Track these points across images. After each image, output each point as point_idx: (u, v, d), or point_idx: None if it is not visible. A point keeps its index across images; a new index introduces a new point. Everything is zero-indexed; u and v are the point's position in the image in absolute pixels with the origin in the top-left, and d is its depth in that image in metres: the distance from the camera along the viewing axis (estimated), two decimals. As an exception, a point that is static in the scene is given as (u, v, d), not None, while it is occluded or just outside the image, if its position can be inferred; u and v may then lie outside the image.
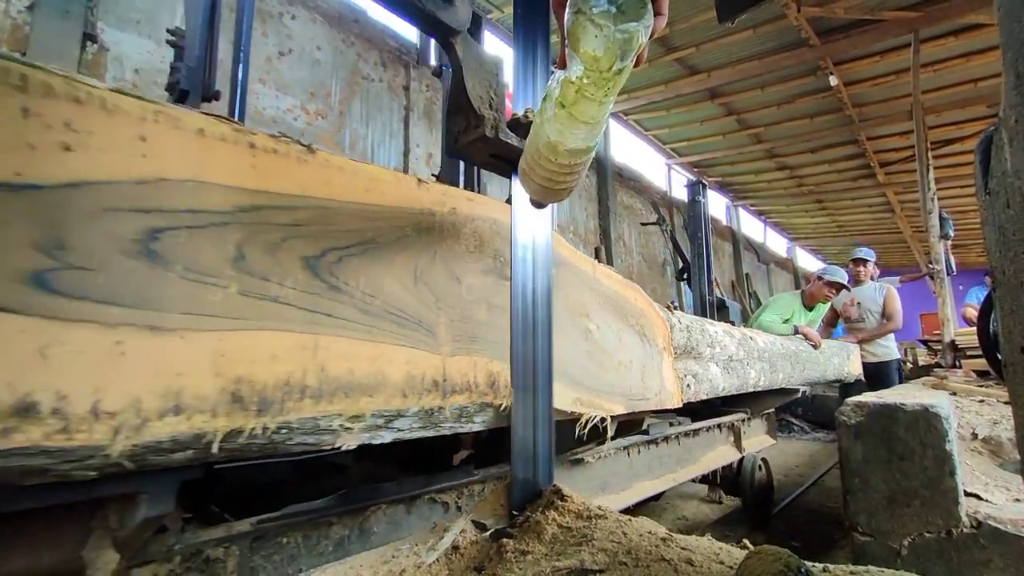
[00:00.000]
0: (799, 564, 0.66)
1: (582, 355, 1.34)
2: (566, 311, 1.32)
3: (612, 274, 1.56)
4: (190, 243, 0.69)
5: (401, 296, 0.95)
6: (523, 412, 1.14)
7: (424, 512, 1.10)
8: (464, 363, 1.08)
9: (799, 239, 17.35)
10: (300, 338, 0.79)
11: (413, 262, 0.98)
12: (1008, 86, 0.50)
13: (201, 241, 0.70)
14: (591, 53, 0.58)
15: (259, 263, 0.75)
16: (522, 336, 1.15)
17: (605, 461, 1.66)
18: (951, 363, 5.01)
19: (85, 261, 0.60)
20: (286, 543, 0.89)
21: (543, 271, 1.22)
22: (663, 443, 2.00)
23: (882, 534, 1.57)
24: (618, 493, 1.69)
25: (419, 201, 1.03)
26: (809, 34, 6.46)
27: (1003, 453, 2.02)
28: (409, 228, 0.99)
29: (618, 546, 0.83)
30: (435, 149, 5.60)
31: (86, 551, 0.66)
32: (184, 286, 0.67)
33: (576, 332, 1.34)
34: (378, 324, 0.90)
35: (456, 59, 1.06)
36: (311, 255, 0.82)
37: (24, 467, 0.56)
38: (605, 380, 1.41)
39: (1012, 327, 0.57)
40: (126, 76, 3.45)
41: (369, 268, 0.90)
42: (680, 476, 2.09)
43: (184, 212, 0.69)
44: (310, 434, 0.81)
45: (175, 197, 0.68)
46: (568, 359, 1.29)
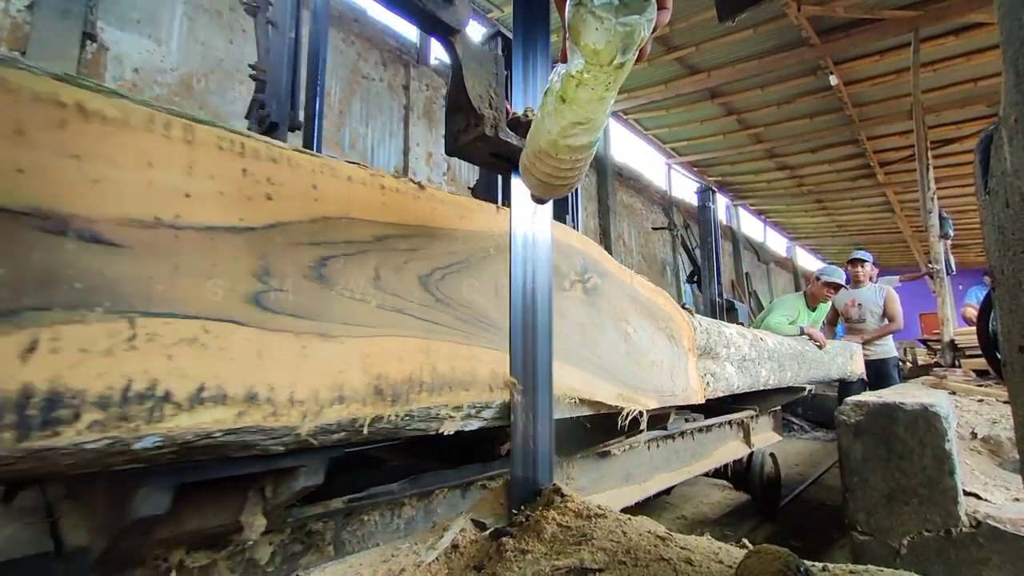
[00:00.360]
0: (798, 563, 0.66)
1: (623, 356, 1.50)
2: (610, 317, 1.49)
3: (646, 283, 1.72)
4: (345, 268, 0.87)
5: (485, 307, 1.13)
6: (523, 411, 1.14)
7: (475, 495, 1.24)
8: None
9: (799, 239, 17.35)
10: (418, 343, 0.98)
11: (494, 278, 1.16)
12: (1008, 84, 0.50)
13: (352, 266, 0.89)
14: (591, 46, 0.58)
15: (389, 282, 0.94)
16: (521, 336, 1.15)
17: (629, 454, 1.80)
18: (950, 362, 5.01)
19: (282, 284, 0.78)
20: (367, 520, 1.04)
21: (543, 270, 1.22)
22: (679, 438, 2.13)
23: (881, 533, 1.57)
24: (640, 483, 1.85)
25: (498, 225, 1.20)
26: (809, 33, 6.46)
27: (1002, 452, 2.02)
28: (492, 248, 1.17)
29: (617, 545, 0.83)
30: (435, 148, 5.60)
31: (243, 516, 0.81)
32: (342, 302, 0.86)
33: (617, 336, 1.50)
34: (471, 330, 1.08)
35: (456, 58, 1.06)
36: (423, 274, 1.01)
37: (244, 442, 0.73)
38: (641, 378, 1.55)
39: (1011, 326, 0.57)
40: (125, 76, 3.44)
41: (463, 283, 1.10)
42: (695, 469, 2.21)
43: (341, 243, 0.88)
44: (424, 421, 0.98)
45: (335, 231, 0.87)
46: (611, 359, 1.45)
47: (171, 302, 0.67)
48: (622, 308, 1.54)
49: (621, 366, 1.48)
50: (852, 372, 3.88)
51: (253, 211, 0.77)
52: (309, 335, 0.81)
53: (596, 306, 1.44)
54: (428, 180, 5.49)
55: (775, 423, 3.13)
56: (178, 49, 3.74)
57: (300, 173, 0.84)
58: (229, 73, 4.00)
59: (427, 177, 5.49)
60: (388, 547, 0.93)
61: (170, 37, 3.71)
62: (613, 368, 1.45)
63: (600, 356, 1.41)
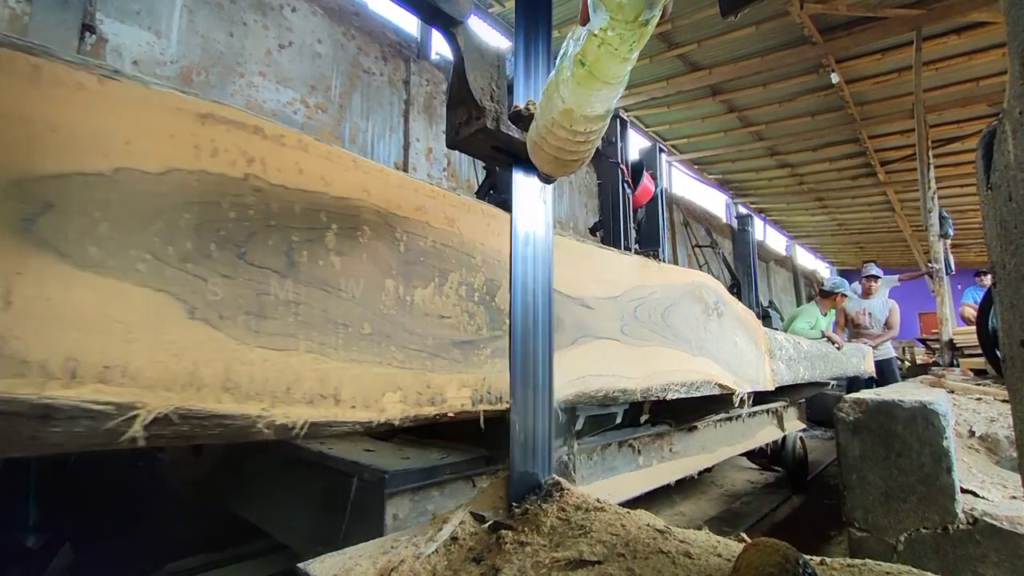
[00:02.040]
0: (797, 556, 0.66)
1: (734, 356, 2.18)
2: (729, 331, 2.18)
3: (742, 306, 2.44)
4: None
5: (682, 328, 1.84)
6: (522, 406, 1.14)
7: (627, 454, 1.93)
8: (702, 362, 1.94)
9: (799, 237, 17.34)
10: (677, 353, 1.78)
11: (683, 310, 1.87)
12: (1013, 76, 0.50)
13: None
14: (617, 0, 0.57)
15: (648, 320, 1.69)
16: (521, 332, 1.15)
17: (704, 430, 2.42)
18: (949, 362, 5.03)
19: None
20: (610, 458, 1.74)
21: (543, 267, 1.22)
22: (736, 420, 2.75)
23: (879, 530, 1.58)
24: (711, 452, 2.47)
25: (690, 275, 2.05)
26: (811, 31, 6.44)
27: (1000, 450, 2.02)
28: (687, 289, 1.95)
29: (616, 538, 0.83)
30: (435, 143, 5.58)
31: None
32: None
33: (731, 343, 2.20)
34: (678, 343, 1.80)
35: (457, 50, 1.05)
36: (664, 311, 1.72)
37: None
38: (743, 371, 2.22)
39: (1012, 321, 0.57)
40: (125, 68, 3.43)
41: (676, 315, 1.81)
42: (745, 446, 2.84)
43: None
44: (669, 391, 1.69)
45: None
46: (730, 358, 2.14)
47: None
48: (732, 325, 2.22)
49: (734, 363, 2.15)
50: (864, 370, 4.47)
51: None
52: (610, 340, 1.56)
53: (722, 324, 2.13)
54: (428, 176, 5.48)
55: (800, 412, 3.72)
56: (178, 41, 3.72)
57: (474, 217, 1.25)
58: (230, 66, 3.99)
59: (427, 173, 5.47)
60: (387, 539, 0.93)
61: (170, 29, 3.69)
62: (731, 364, 2.12)
63: (725, 356, 2.10)
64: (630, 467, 1.89)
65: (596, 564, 0.75)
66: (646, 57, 7.32)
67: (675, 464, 2.14)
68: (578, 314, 1.38)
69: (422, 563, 0.83)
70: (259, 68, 4.18)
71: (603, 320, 1.46)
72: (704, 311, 1.99)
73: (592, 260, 1.49)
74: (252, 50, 4.15)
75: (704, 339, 1.95)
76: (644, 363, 1.58)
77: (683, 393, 1.74)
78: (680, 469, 2.15)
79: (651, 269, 1.76)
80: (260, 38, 4.22)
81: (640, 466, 1.94)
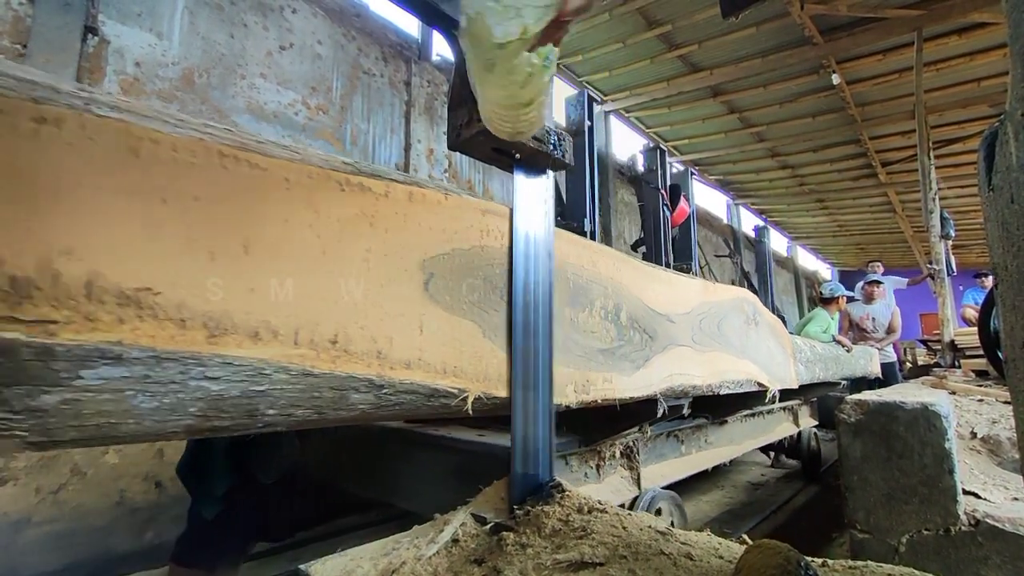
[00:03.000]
0: (799, 558, 0.66)
1: (768, 358, 2.51)
2: (763, 337, 2.51)
3: (773, 315, 2.73)
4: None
5: (731, 335, 2.18)
6: (523, 408, 1.14)
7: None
8: (745, 364, 2.25)
9: (799, 238, 17.32)
10: (728, 356, 2.09)
11: (731, 321, 2.21)
12: (1015, 78, 0.50)
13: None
14: (473, 17, 0.60)
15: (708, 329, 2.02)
16: (522, 333, 1.15)
17: (732, 424, 2.70)
18: (950, 363, 5.02)
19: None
20: (659, 447, 2.07)
21: (544, 268, 1.22)
22: (758, 416, 3.03)
23: (880, 531, 1.58)
24: (739, 444, 2.76)
25: (735, 291, 2.38)
26: (812, 32, 6.43)
27: (1002, 452, 2.02)
28: (733, 303, 2.29)
29: (618, 540, 0.83)
30: (436, 145, 5.58)
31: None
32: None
33: (766, 346, 2.52)
34: (729, 349, 2.13)
35: (459, 51, 1.05)
36: (718, 322, 2.08)
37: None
38: (774, 371, 2.54)
39: (1014, 322, 0.57)
40: (127, 69, 3.43)
41: (727, 325, 2.16)
42: (766, 439, 3.19)
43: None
44: (723, 388, 2.01)
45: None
46: (765, 360, 2.46)
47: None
48: (766, 332, 2.56)
49: (768, 364, 2.47)
50: (870, 371, 4.75)
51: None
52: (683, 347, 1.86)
53: (759, 331, 2.47)
54: (429, 176, 5.48)
55: (812, 410, 4.05)
56: (180, 43, 3.73)
57: (606, 257, 1.59)
58: (231, 68, 3.99)
59: (428, 174, 5.48)
60: (389, 540, 0.93)
61: (171, 31, 3.70)
62: (766, 365, 2.44)
63: (761, 358, 2.41)
64: (675, 454, 2.22)
65: (597, 566, 0.75)
66: (646, 58, 7.32)
67: (710, 453, 2.48)
68: (666, 327, 1.76)
69: (423, 565, 0.83)
70: (260, 69, 4.19)
71: (681, 331, 1.84)
72: (745, 321, 2.35)
73: (673, 285, 1.88)
74: (253, 51, 4.16)
75: (746, 344, 2.30)
76: (707, 364, 1.95)
77: (732, 389, 2.10)
78: (715, 457, 2.49)
79: (709, 288, 2.15)
80: (261, 39, 4.22)
81: (683, 454, 2.28)
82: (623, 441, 1.81)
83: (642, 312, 1.63)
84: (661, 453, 2.11)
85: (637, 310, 1.61)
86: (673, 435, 2.20)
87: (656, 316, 1.70)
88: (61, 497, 2.21)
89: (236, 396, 0.74)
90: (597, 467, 1.74)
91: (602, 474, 1.75)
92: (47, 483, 2.18)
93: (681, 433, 2.26)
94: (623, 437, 1.79)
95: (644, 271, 1.72)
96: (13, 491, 2.10)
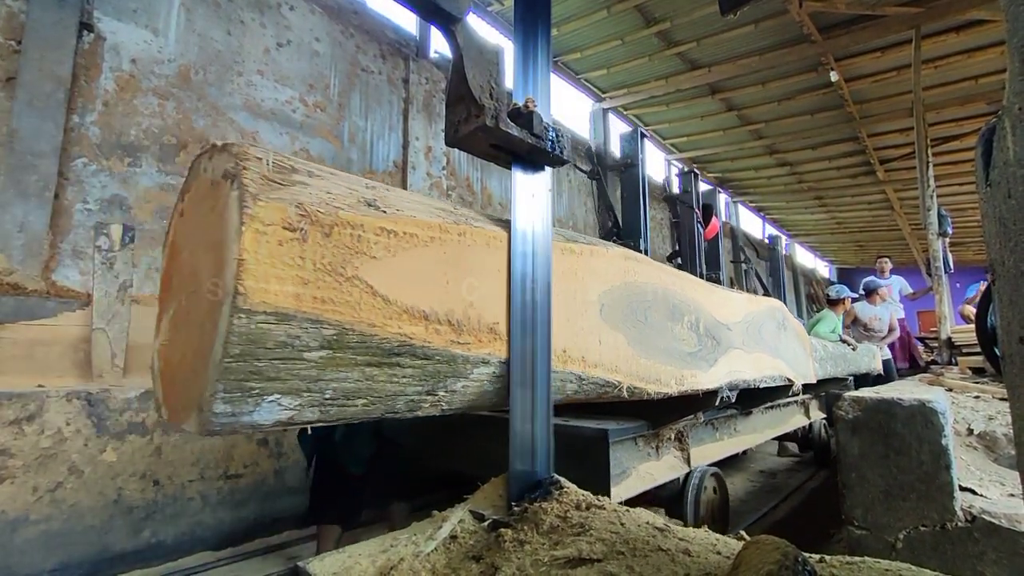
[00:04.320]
0: (796, 554, 0.66)
1: (793, 356, 2.87)
2: (789, 339, 2.89)
3: (796, 320, 3.10)
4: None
5: (767, 338, 2.53)
6: (521, 406, 1.14)
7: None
8: (778, 362, 2.59)
9: (798, 236, 17.34)
10: (766, 356, 2.49)
11: (767, 326, 2.58)
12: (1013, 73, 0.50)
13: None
14: None
15: (752, 334, 2.46)
16: (520, 331, 1.15)
17: (755, 415, 3.00)
18: (947, 360, 5.03)
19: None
20: (700, 432, 2.35)
21: (543, 266, 1.22)
22: (775, 408, 3.29)
23: (878, 528, 1.58)
24: (761, 432, 3.08)
25: (768, 301, 2.77)
26: (810, 29, 6.43)
27: (998, 448, 2.03)
28: (768, 312, 2.67)
29: (616, 536, 0.83)
30: (434, 142, 5.57)
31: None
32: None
33: (791, 347, 2.88)
34: (766, 350, 2.50)
35: (457, 48, 1.05)
36: (759, 328, 2.49)
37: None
38: (799, 367, 2.92)
39: (1011, 318, 0.57)
40: (123, 66, 3.42)
41: (764, 329, 2.52)
42: (782, 429, 3.46)
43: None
44: (763, 382, 2.40)
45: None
46: (791, 358, 2.82)
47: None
48: (792, 335, 2.94)
49: (794, 362, 2.84)
50: (874, 368, 5.12)
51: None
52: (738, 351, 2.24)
53: (787, 334, 2.85)
54: (427, 174, 5.47)
55: (820, 404, 4.32)
56: (176, 40, 3.71)
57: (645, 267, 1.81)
58: (228, 65, 3.98)
59: (426, 171, 5.47)
60: (387, 537, 0.93)
61: (168, 27, 3.68)
62: (792, 363, 2.81)
63: (789, 357, 2.79)
64: (712, 439, 2.52)
65: (596, 562, 0.75)
66: (645, 55, 7.31)
67: (738, 439, 2.76)
68: (726, 334, 2.16)
69: (421, 561, 0.83)
70: (257, 67, 4.17)
71: (735, 336, 2.23)
72: (777, 326, 2.74)
73: (728, 299, 2.31)
74: (250, 49, 4.14)
75: (778, 346, 2.68)
76: (753, 363, 2.33)
77: (768, 383, 2.47)
78: (741, 443, 2.80)
79: (752, 300, 2.58)
80: (258, 36, 4.20)
81: (717, 439, 2.56)
82: (677, 427, 2.15)
83: (711, 323, 2.05)
84: (701, 438, 2.40)
85: (708, 321, 2.03)
86: (710, 423, 2.51)
87: (719, 325, 2.12)
88: (59, 496, 2.20)
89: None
90: (657, 448, 2.08)
91: (660, 453, 2.10)
92: (44, 482, 2.18)
93: (716, 422, 2.57)
94: (680, 423, 2.11)
95: (710, 289, 2.16)
96: (11, 490, 2.09)
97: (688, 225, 5.27)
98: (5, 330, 2.41)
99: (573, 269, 1.39)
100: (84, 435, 2.30)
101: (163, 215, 3.51)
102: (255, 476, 2.81)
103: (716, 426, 2.56)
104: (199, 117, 3.78)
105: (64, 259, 3.05)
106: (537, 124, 1.16)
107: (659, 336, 1.71)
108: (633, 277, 1.63)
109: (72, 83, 3.12)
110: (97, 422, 2.34)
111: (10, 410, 2.13)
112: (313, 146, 4.51)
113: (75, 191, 3.14)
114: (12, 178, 2.81)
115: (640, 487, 1.84)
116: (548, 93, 1.28)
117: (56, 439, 2.22)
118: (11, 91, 2.89)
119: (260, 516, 2.80)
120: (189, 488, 2.58)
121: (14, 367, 2.39)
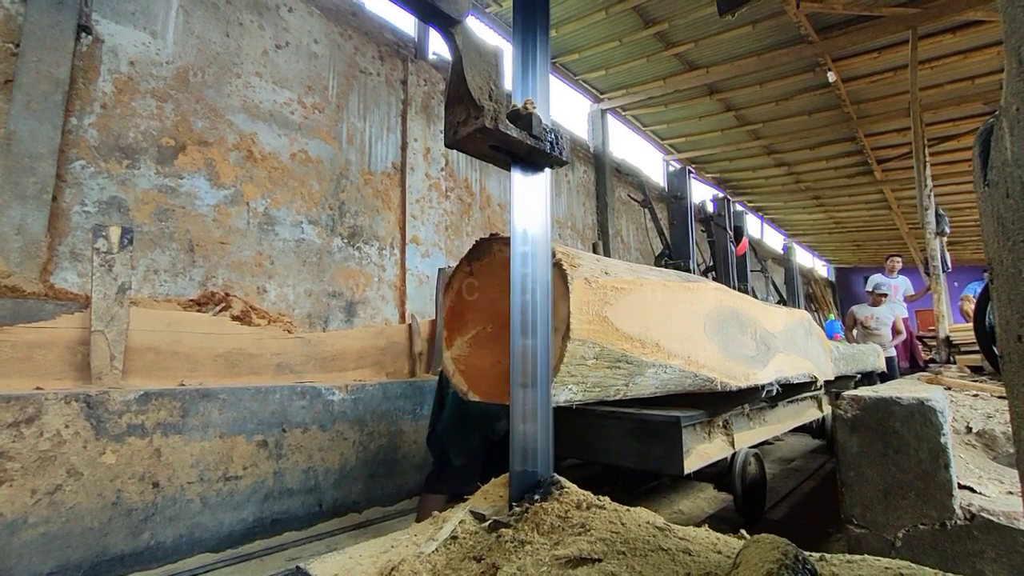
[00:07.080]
0: (796, 552, 0.66)
1: (816, 357, 3.31)
2: (813, 343, 3.39)
3: (819, 327, 3.57)
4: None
5: (799, 343, 3.12)
6: (522, 406, 1.14)
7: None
8: (806, 362, 3.08)
9: (796, 236, 17.37)
10: (798, 358, 3.00)
11: (798, 332, 3.18)
12: (1010, 73, 0.50)
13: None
14: None
15: (788, 339, 3.06)
16: (520, 332, 1.15)
17: (777, 408, 3.23)
18: (945, 359, 5.04)
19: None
20: (740, 421, 2.69)
21: (542, 267, 1.22)
22: (794, 402, 3.58)
23: (877, 526, 1.58)
24: (783, 423, 3.34)
25: (798, 313, 3.42)
26: (808, 30, 6.45)
27: (996, 446, 2.03)
28: (798, 321, 3.27)
29: (616, 536, 0.83)
30: (432, 143, 5.57)
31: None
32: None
33: (815, 349, 3.36)
34: (798, 352, 3.04)
35: (456, 50, 1.05)
36: (792, 334, 3.12)
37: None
38: (821, 367, 3.36)
39: (1009, 316, 0.57)
40: (121, 68, 3.41)
41: (796, 335, 3.14)
42: (799, 421, 3.75)
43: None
44: (795, 379, 2.92)
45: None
46: (816, 358, 3.30)
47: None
48: (816, 339, 3.46)
49: (817, 362, 3.32)
50: (878, 366, 5.57)
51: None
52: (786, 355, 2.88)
53: (812, 338, 3.38)
54: (426, 175, 5.47)
55: (830, 398, 4.64)
56: (174, 42, 3.71)
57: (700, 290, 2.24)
58: (226, 67, 3.98)
59: (425, 173, 5.46)
60: (388, 538, 0.93)
61: (166, 30, 3.68)
62: (816, 363, 3.27)
63: (814, 358, 3.25)
64: (747, 428, 2.83)
65: (596, 562, 0.75)
66: (643, 56, 7.33)
67: (766, 428, 3.08)
68: (773, 340, 2.68)
69: (422, 562, 0.83)
70: (255, 68, 4.17)
71: (779, 342, 2.77)
72: (805, 332, 3.26)
73: (773, 313, 2.85)
74: (248, 50, 4.14)
75: (806, 348, 3.19)
76: (790, 363, 2.81)
77: (799, 380, 2.94)
78: (768, 432, 3.12)
79: (790, 312, 3.14)
80: (256, 38, 4.20)
81: (751, 428, 2.87)
82: (725, 416, 2.53)
83: (763, 332, 2.58)
84: (740, 426, 2.77)
85: (762, 331, 2.56)
86: (746, 414, 2.84)
87: (769, 334, 2.66)
88: (57, 498, 2.20)
89: (672, 377, 1.85)
90: (709, 433, 2.44)
91: (711, 437, 2.46)
92: (43, 484, 2.17)
93: (751, 413, 2.91)
94: (728, 413, 2.51)
95: (761, 305, 2.76)
96: (9, 492, 2.09)
97: (722, 243, 6.17)
98: (3, 333, 2.40)
99: (691, 300, 1.99)
100: (83, 437, 2.29)
101: (162, 217, 3.50)
102: (255, 477, 2.81)
103: (751, 416, 2.95)
104: (197, 119, 3.78)
105: (62, 261, 3.05)
106: (536, 125, 1.17)
107: (735, 344, 2.27)
108: (720, 303, 2.23)
109: (70, 85, 3.12)
110: (96, 424, 2.33)
111: (9, 413, 2.12)
112: (311, 147, 4.51)
113: (73, 193, 3.13)
114: (10, 181, 2.81)
115: (700, 463, 2.23)
116: (547, 94, 1.29)
117: (55, 441, 2.22)
118: (9, 93, 2.89)
119: (259, 517, 2.80)
120: (188, 490, 2.57)
121: (12, 370, 2.38)
